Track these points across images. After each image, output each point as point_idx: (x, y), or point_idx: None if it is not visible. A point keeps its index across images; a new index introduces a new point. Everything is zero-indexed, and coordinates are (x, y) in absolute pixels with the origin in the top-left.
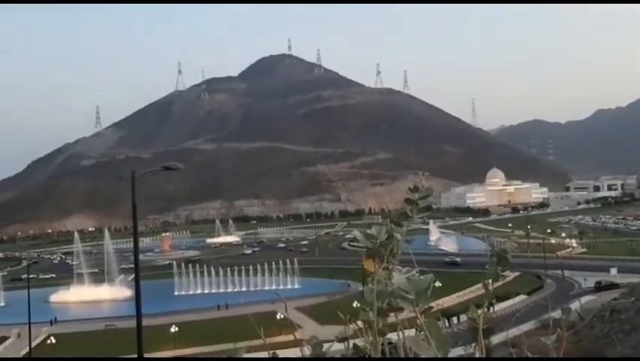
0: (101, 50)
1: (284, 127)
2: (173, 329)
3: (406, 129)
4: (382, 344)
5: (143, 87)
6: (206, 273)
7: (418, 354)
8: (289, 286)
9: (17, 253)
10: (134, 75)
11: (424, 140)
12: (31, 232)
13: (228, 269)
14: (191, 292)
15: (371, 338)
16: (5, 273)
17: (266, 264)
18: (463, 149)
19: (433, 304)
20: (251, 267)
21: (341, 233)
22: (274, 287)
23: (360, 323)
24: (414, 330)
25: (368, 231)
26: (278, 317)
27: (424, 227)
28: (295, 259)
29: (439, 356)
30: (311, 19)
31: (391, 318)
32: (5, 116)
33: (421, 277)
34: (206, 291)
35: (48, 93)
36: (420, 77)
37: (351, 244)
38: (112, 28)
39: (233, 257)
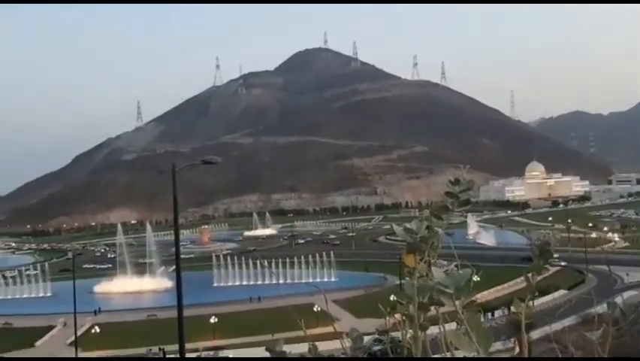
0: (141, 47)
1: (320, 121)
2: (213, 320)
3: (443, 122)
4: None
5: (182, 83)
6: (244, 265)
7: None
8: (325, 279)
9: (63, 245)
10: (174, 71)
11: (462, 132)
12: (76, 224)
13: (266, 261)
14: (229, 284)
15: (411, 331)
16: (50, 263)
17: (302, 256)
18: (502, 141)
19: (474, 298)
20: (287, 259)
21: (371, 227)
22: (311, 280)
23: (399, 316)
24: (455, 324)
25: (408, 225)
26: (315, 309)
27: (456, 221)
28: (332, 252)
29: (480, 351)
30: (347, 12)
31: (432, 312)
32: (50, 111)
33: (461, 272)
34: (244, 283)
35: (91, 89)
36: (457, 69)
37: (388, 237)
38: (152, 27)
39: (270, 250)
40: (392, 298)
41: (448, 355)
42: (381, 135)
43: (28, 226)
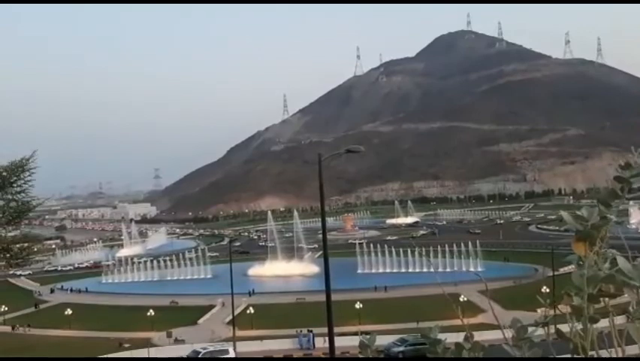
0: (285, 44)
1: (464, 105)
2: (358, 305)
3: (600, 102)
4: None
5: (325, 75)
6: (387, 253)
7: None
8: (472, 269)
9: (222, 231)
10: (317, 64)
11: (622, 113)
12: (231, 211)
13: (409, 250)
14: (373, 271)
15: (579, 324)
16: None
17: (447, 245)
18: None
19: None
20: (432, 248)
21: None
22: (455, 269)
23: (565, 308)
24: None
25: (578, 212)
26: (461, 299)
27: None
28: (477, 241)
29: None
30: None
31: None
32: (209, 106)
33: None
34: (388, 270)
35: (243, 85)
36: (615, 45)
37: (539, 226)
38: (294, 23)
39: (412, 238)
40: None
41: (619, 350)
42: (531, 119)
43: (190, 214)
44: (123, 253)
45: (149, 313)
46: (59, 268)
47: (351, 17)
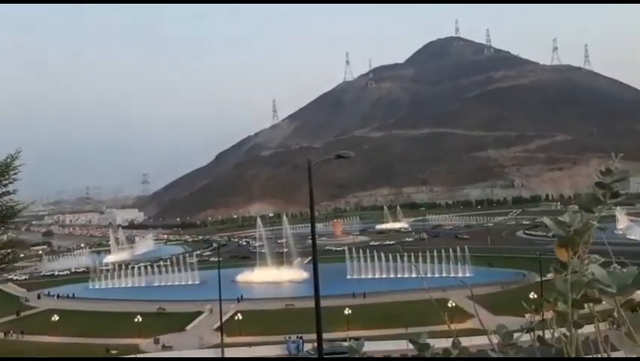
0: (273, 47)
1: (453, 111)
2: (347, 311)
3: (587, 108)
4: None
5: (314, 81)
6: (376, 258)
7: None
8: (460, 275)
9: (210, 237)
10: (306, 70)
11: (609, 119)
12: (220, 217)
13: (398, 255)
14: (362, 276)
15: (563, 330)
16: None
17: (435, 251)
18: None
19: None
20: (420, 253)
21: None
22: (444, 275)
23: (549, 314)
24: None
25: (560, 218)
26: (449, 304)
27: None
28: (466, 247)
29: None
30: None
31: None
32: (197, 112)
33: (624, 270)
34: (377, 276)
35: (233, 90)
36: (603, 52)
37: (527, 232)
38: (283, 27)
39: (401, 243)
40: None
41: (605, 355)
42: (519, 125)
43: (178, 219)
44: (110, 259)
45: (136, 320)
46: (56, 273)
47: (341, 23)
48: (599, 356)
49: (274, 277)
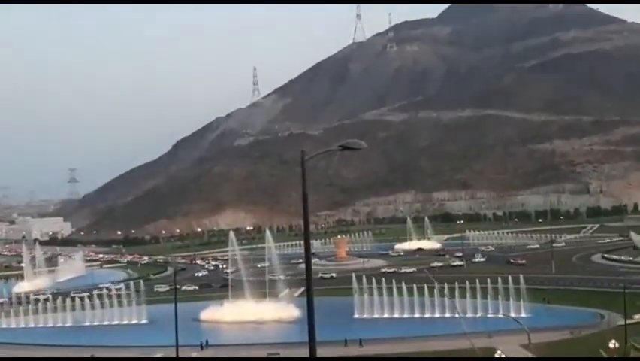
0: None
1: (504, 87)
2: None
3: None
4: None
5: (311, 42)
6: (395, 290)
7: None
8: (512, 314)
9: (166, 258)
10: (302, 26)
11: None
12: (177, 230)
13: (425, 287)
14: (375, 316)
15: None
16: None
17: (477, 281)
18: None
19: None
20: (456, 284)
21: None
22: (490, 314)
23: None
24: None
25: None
26: (497, 355)
27: None
28: (521, 276)
29: None
30: None
31: None
32: (149, 87)
33: None
34: (396, 315)
35: (197, 59)
36: None
37: (607, 256)
38: None
39: (430, 270)
40: (613, 344)
41: None
42: (597, 107)
43: (119, 232)
44: (23, 287)
45: None
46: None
47: None
48: None
49: (252, 315)
